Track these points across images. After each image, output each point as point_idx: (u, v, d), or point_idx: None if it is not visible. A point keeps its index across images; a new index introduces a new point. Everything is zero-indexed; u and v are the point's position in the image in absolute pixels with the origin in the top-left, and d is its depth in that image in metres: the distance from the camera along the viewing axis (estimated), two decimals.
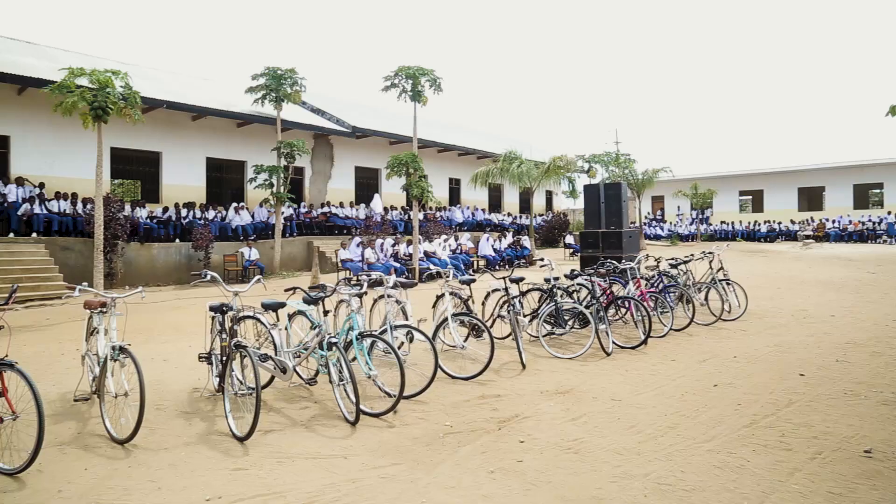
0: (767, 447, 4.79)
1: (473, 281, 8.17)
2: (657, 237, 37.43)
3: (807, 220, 36.21)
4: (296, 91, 20.08)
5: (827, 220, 35.62)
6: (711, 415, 5.59)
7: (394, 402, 5.56)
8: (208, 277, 6.19)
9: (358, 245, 18.00)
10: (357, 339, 5.84)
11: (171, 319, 11.02)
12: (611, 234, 15.14)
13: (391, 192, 25.31)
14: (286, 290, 6.77)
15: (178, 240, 18.58)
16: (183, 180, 20.85)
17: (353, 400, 5.35)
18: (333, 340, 5.56)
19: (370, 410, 5.62)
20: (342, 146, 25.98)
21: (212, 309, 5.76)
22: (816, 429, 5.16)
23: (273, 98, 19.85)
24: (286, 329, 6.62)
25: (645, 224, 39.30)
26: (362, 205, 25.10)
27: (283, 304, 6.11)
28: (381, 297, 7.29)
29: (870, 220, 33.84)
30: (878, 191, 37.60)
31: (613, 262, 9.54)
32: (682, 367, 7.40)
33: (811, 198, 39.62)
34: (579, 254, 16.13)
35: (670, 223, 41.04)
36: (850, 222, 34.35)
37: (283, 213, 20.32)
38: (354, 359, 5.88)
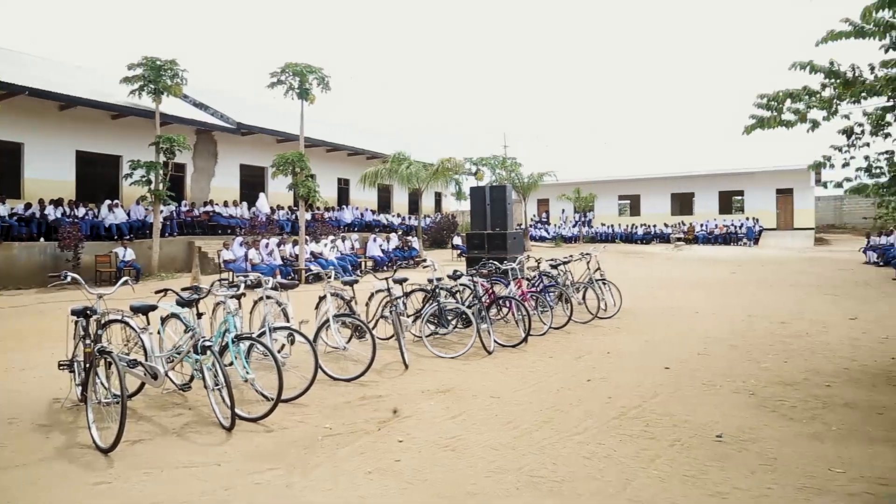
0: (633, 437, 5.08)
1: (356, 282, 8.14)
2: (542, 239, 38.67)
3: (678, 224, 38.56)
4: (176, 84, 19.15)
5: (696, 223, 38.14)
6: (584, 408, 5.84)
7: (271, 405, 5.44)
8: (68, 279, 5.79)
9: (241, 245, 17.46)
10: (233, 341, 5.67)
11: (31, 325, 10.26)
12: (496, 235, 15.48)
13: (278, 191, 24.67)
14: (157, 292, 6.46)
15: (42, 239, 17.27)
16: (49, 175, 19.38)
17: (229, 405, 5.19)
18: (208, 343, 5.37)
19: (247, 415, 5.47)
20: (227, 143, 25.08)
21: (74, 313, 5.41)
22: (677, 418, 5.52)
23: (151, 90, 18.82)
24: (158, 333, 6.33)
25: (531, 226, 40.50)
26: (245, 203, 24.35)
27: (153, 307, 5.83)
28: (261, 298, 7.12)
29: (732, 225, 36.61)
30: (739, 198, 40.63)
31: (495, 262, 9.78)
32: (560, 363, 7.71)
33: (683, 203, 42.20)
34: (466, 255, 16.37)
35: (555, 225, 42.51)
36: (716, 226, 36.97)
37: (161, 211, 19.37)
38: (232, 363, 5.71)
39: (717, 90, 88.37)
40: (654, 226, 38.99)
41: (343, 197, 31.53)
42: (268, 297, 6.97)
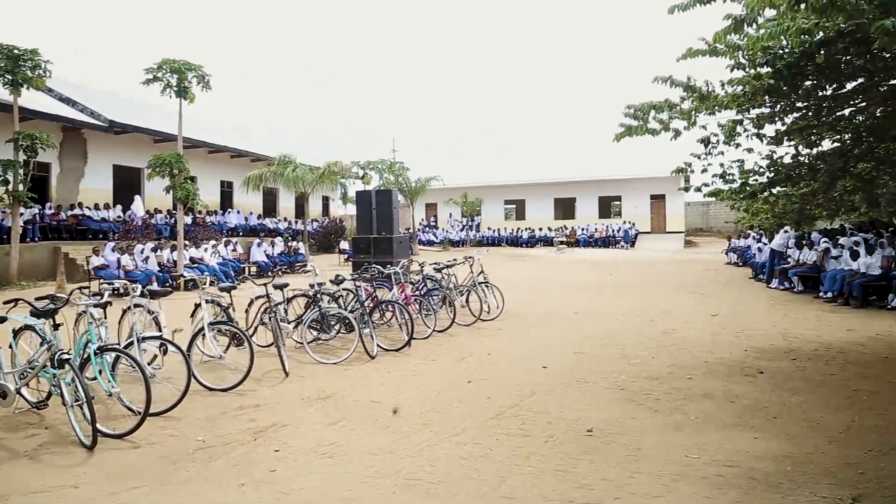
0: (509, 435, 5.21)
1: (234, 288, 7.89)
2: (431, 243, 39.04)
3: (561, 228, 40.04)
4: (39, 76, 17.73)
5: (578, 227, 39.78)
6: (463, 409, 5.94)
7: (139, 420, 5.16)
8: None
9: (114, 251, 16.46)
10: (95, 353, 5.33)
11: None
12: (382, 239, 15.44)
13: (156, 193, 23.41)
14: (5, 303, 5.97)
15: None
16: None
17: (90, 421, 4.87)
18: (65, 356, 5.02)
19: (111, 431, 5.16)
20: (98, 142, 23.54)
21: None
22: (552, 415, 5.72)
23: (8, 81, 17.29)
24: (11, 347, 5.85)
25: (419, 230, 40.79)
26: (119, 206, 23.00)
27: (2, 319, 5.38)
28: (130, 307, 6.73)
29: (611, 228, 38.48)
30: (618, 203, 42.79)
31: (378, 266, 9.76)
32: (442, 366, 7.79)
33: (565, 208, 43.85)
34: (353, 259, 16.24)
35: (443, 229, 43.02)
36: (596, 230, 38.73)
37: (22, 214, 17.90)
38: (95, 377, 5.36)
39: (597, 100, 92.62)
40: (539, 229, 40.27)
41: (226, 200, 30.44)
42: (136, 306, 6.62)
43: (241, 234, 26.40)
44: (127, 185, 24.93)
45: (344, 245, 26.56)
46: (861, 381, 6.77)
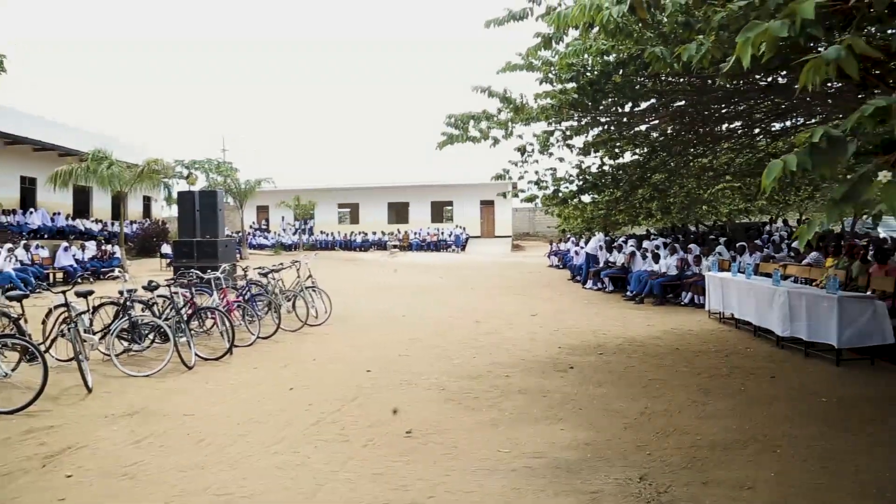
0: (328, 441, 5.16)
1: (25, 297, 7.11)
2: (262, 246, 37.82)
3: (395, 232, 40.44)
4: None
5: (411, 231, 40.40)
6: (283, 418, 5.79)
7: None
8: None
9: None
10: None
11: None
12: (206, 243, 14.78)
13: None
14: None
15: None
16: None
17: None
18: None
19: None
20: None
21: None
22: (372, 419, 5.73)
23: None
24: None
25: (250, 233, 39.37)
26: None
27: None
28: None
29: (443, 233, 39.49)
30: (449, 208, 44.06)
31: (197, 271, 9.28)
32: (264, 374, 7.56)
33: (399, 212, 44.38)
34: (172, 264, 15.35)
35: (275, 233, 41.84)
36: (429, 234, 39.56)
37: None
38: None
39: (430, 107, 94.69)
40: (373, 233, 40.39)
41: (29, 198, 27.39)
42: None
43: (45, 236, 23.89)
44: None
45: (166, 249, 24.92)
46: (655, 370, 7.47)
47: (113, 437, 5.28)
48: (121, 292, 7.88)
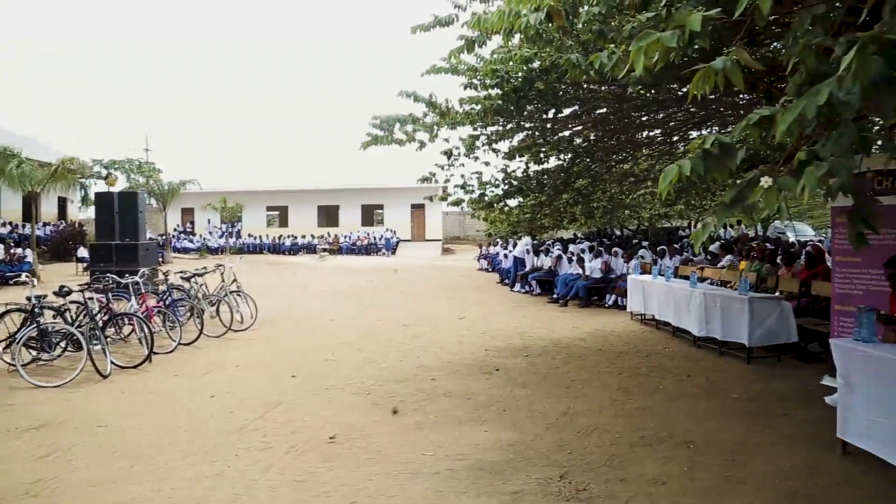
0: (249, 449, 5.05)
1: None
2: (187, 250, 36.69)
3: (325, 235, 39.96)
4: None
5: (341, 235, 39.99)
6: (203, 426, 5.63)
7: None
8: None
9: None
10: None
11: None
12: (126, 246, 14.25)
13: None
14: None
15: None
16: None
17: None
18: None
19: None
20: None
21: None
22: (296, 424, 5.65)
23: None
24: None
25: (174, 236, 38.15)
26: None
27: None
28: None
29: (373, 236, 39.29)
30: (380, 211, 43.83)
31: (113, 276, 8.93)
32: (185, 381, 7.34)
33: (329, 215, 43.85)
34: (89, 268, 14.73)
35: (201, 236, 40.67)
36: (359, 237, 39.26)
37: None
38: None
39: (360, 110, 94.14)
40: (303, 237, 39.79)
41: None
42: None
43: None
44: None
45: (83, 252, 23.83)
46: (579, 371, 7.64)
47: (17, 452, 5.01)
48: (28, 298, 7.49)
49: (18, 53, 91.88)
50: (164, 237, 31.80)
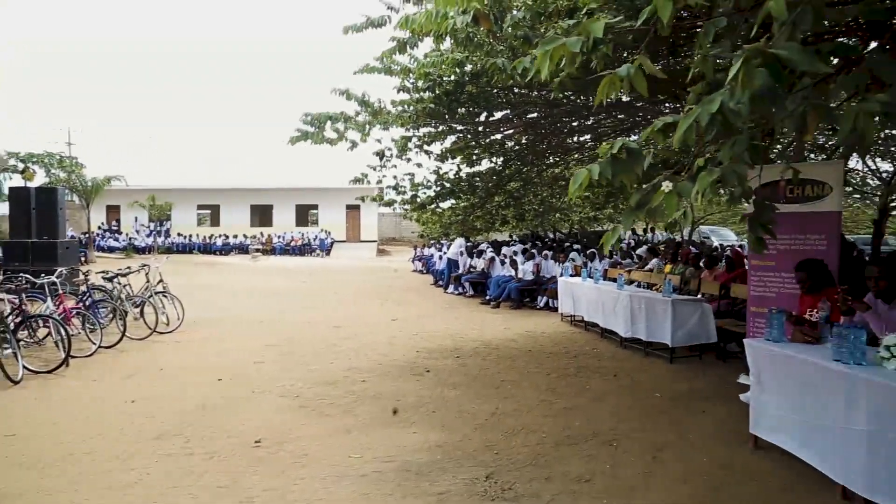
0: (170, 455, 4.90)
1: None
2: (112, 249, 35.38)
3: (258, 235, 39.20)
4: None
5: (274, 235, 39.33)
6: (121, 433, 5.43)
7: None
8: None
9: None
10: None
11: None
12: (43, 244, 13.61)
13: None
14: None
15: None
16: None
17: None
18: None
19: None
20: None
21: None
22: (220, 429, 5.51)
23: None
24: None
25: (98, 235, 36.70)
26: None
27: None
28: None
29: (307, 237, 38.80)
30: (315, 211, 43.31)
31: (27, 276, 8.51)
32: (104, 386, 7.06)
33: (262, 214, 43.06)
34: (3, 268, 13.99)
35: (127, 234, 39.26)
36: (293, 238, 38.70)
37: None
38: None
39: (295, 108, 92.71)
40: (235, 236, 38.94)
41: None
42: None
43: None
44: None
45: None
46: (508, 372, 7.73)
47: None
48: None
49: None
50: (87, 235, 30.53)
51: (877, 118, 2.07)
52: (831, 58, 2.47)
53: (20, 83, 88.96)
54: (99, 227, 39.08)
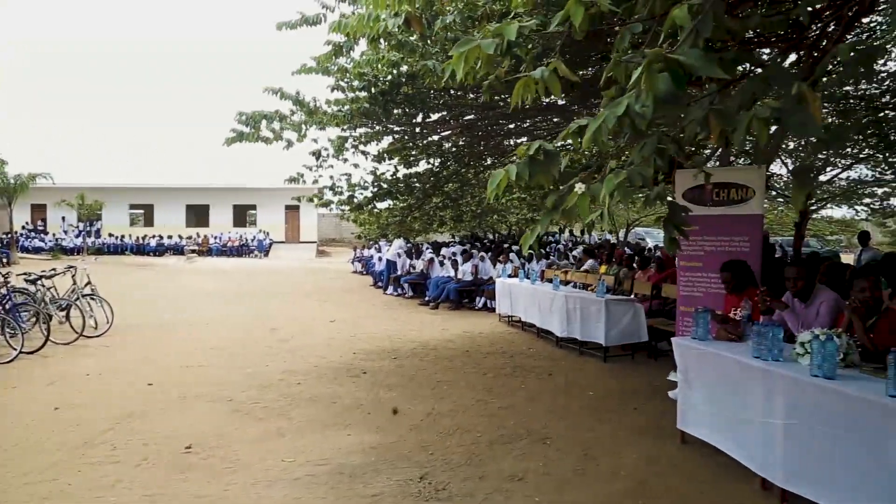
0: (96, 464, 4.74)
1: None
2: (38, 250, 33.95)
3: (193, 236, 38.23)
4: None
5: (211, 235, 38.44)
6: (43, 442, 5.23)
7: None
8: None
9: None
10: None
11: None
12: None
13: None
14: None
15: None
16: None
17: None
18: None
19: None
20: None
21: None
22: (149, 435, 5.36)
23: None
24: None
25: (22, 235, 35.13)
26: None
27: None
28: None
29: (245, 238, 38.08)
30: (253, 212, 42.52)
31: None
32: (25, 393, 6.77)
33: (198, 215, 42.00)
34: None
35: (54, 235, 37.70)
36: (230, 238, 37.90)
37: None
38: None
39: (230, 108, 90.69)
40: (170, 237, 37.88)
41: None
42: None
43: None
44: None
45: None
46: (445, 373, 7.78)
47: None
48: None
49: None
50: (9, 235, 29.21)
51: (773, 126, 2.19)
52: (735, 66, 2.59)
53: None
54: (23, 227, 37.43)
